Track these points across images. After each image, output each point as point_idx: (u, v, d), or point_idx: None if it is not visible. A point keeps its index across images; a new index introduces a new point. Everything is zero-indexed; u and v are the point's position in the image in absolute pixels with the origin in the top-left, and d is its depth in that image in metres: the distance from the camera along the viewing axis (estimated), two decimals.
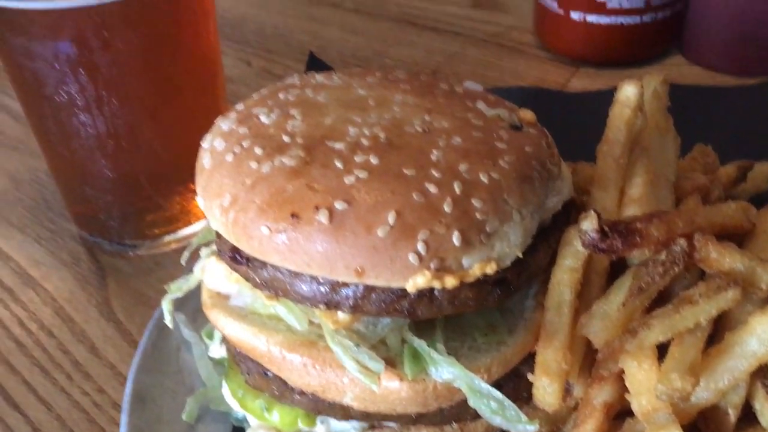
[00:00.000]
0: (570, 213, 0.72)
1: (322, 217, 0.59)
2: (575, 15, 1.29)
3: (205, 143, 0.70)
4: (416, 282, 0.59)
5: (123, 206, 0.96)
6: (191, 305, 0.85)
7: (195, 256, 0.78)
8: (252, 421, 0.73)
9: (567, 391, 0.71)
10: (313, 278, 0.61)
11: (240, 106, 0.73)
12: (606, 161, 0.74)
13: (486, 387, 0.62)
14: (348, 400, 0.65)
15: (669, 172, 0.77)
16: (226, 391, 0.75)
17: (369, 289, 0.61)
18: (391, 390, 0.63)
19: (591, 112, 1.18)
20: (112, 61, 0.83)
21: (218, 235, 0.68)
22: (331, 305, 0.62)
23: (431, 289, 0.61)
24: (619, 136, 0.74)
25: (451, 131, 0.66)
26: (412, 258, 0.58)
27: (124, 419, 0.74)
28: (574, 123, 1.00)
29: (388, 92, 0.72)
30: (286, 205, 0.60)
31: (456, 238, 0.59)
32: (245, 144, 0.65)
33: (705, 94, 1.19)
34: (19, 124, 1.28)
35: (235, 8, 1.60)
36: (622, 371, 0.66)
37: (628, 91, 0.74)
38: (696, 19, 1.31)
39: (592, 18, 1.28)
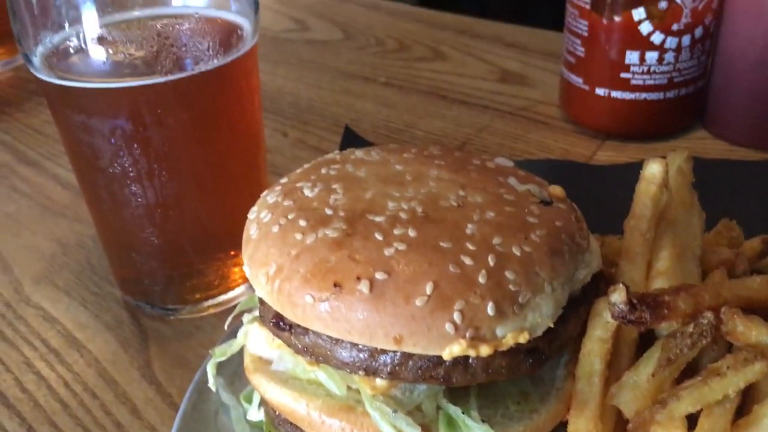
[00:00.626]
0: (599, 284, 0.75)
1: (364, 287, 0.62)
2: (600, 90, 1.34)
3: (252, 215, 0.74)
4: (452, 350, 0.62)
5: (166, 271, 1.01)
6: (229, 369, 0.88)
7: (237, 322, 0.82)
8: None
9: None
10: (353, 345, 0.64)
11: (284, 180, 0.77)
12: (633, 235, 0.77)
13: None
14: None
15: (695, 246, 0.80)
16: None
17: (406, 356, 0.64)
18: None
19: (617, 184, 1.22)
20: (164, 136, 0.88)
21: (262, 302, 0.72)
22: (370, 371, 0.65)
23: (466, 357, 0.63)
24: (646, 211, 0.77)
25: (485, 206, 0.69)
26: (448, 327, 0.61)
27: None
28: (601, 195, 1.03)
29: (424, 167, 0.76)
30: (329, 274, 0.63)
31: (490, 309, 0.62)
32: (290, 216, 0.69)
33: (728, 167, 1.22)
34: (67, 191, 1.34)
35: (272, 81, 1.68)
36: None
37: (653, 168, 0.78)
38: (718, 96, 1.35)
39: (616, 94, 1.33)
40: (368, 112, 1.54)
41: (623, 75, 1.31)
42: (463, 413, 0.65)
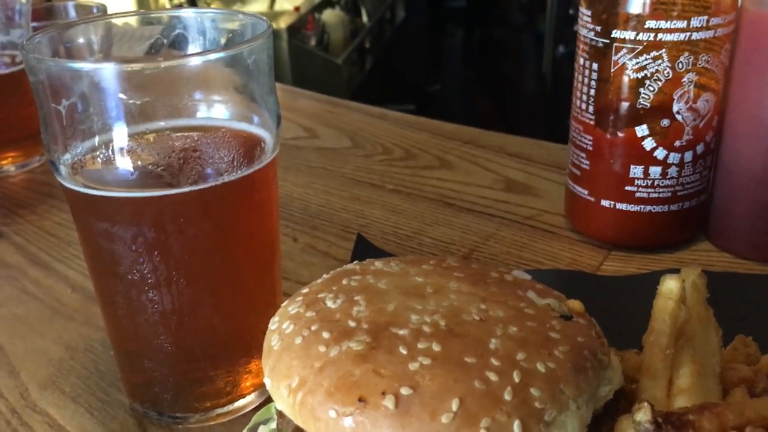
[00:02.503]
0: (620, 401, 0.74)
1: (389, 402, 0.62)
2: (605, 202, 1.37)
3: (273, 325, 0.75)
4: None
5: (177, 378, 1.00)
6: None
7: None
8: None
9: None
10: None
11: (305, 290, 0.78)
12: (653, 351, 0.77)
13: None
14: None
15: (714, 362, 0.80)
16: None
17: None
18: None
19: (625, 294, 1.23)
20: (184, 244, 0.90)
21: (281, 415, 0.71)
22: None
23: None
24: (665, 327, 0.78)
25: (507, 320, 0.70)
26: None
27: None
28: (611, 306, 1.04)
29: (444, 279, 0.77)
30: (353, 389, 0.63)
31: (517, 427, 0.61)
32: (314, 328, 0.70)
33: (736, 281, 1.23)
34: (76, 294, 1.35)
35: (283, 187, 1.71)
36: None
37: (670, 284, 0.79)
38: (721, 209, 1.38)
39: (621, 206, 1.36)
40: (377, 218, 1.56)
41: (628, 188, 1.34)
42: None
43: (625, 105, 1.30)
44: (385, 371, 0.64)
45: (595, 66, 1.32)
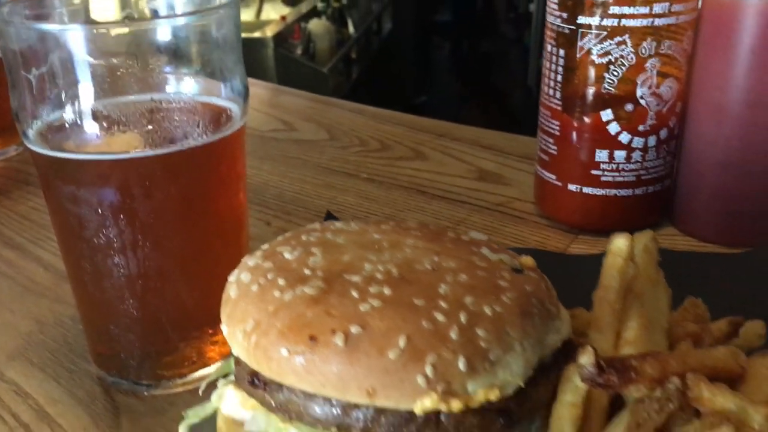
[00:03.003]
0: (569, 352, 0.76)
1: (338, 340, 0.64)
2: (572, 187, 1.40)
3: (232, 277, 0.76)
4: (424, 404, 0.63)
5: (143, 345, 1.01)
6: None
7: (212, 388, 0.82)
8: None
9: None
10: (326, 400, 0.65)
11: (265, 246, 0.80)
12: (602, 306, 0.80)
13: None
14: None
15: (662, 319, 0.82)
16: None
17: (379, 412, 0.64)
18: None
19: (589, 273, 1.26)
20: (150, 208, 0.91)
21: (237, 362, 0.73)
22: (343, 428, 0.65)
23: (437, 415, 0.64)
24: (613, 282, 0.80)
25: (458, 270, 0.72)
26: (420, 380, 0.63)
27: None
28: (574, 283, 1.06)
29: (401, 237, 0.80)
30: (305, 329, 0.65)
31: (462, 364, 0.63)
32: (270, 276, 0.72)
33: (695, 259, 1.26)
34: (48, 273, 1.36)
35: (258, 175, 1.73)
36: None
37: (619, 243, 0.82)
38: (684, 194, 1.41)
39: (588, 190, 1.38)
40: (350, 205, 1.58)
41: (594, 172, 1.37)
42: None
43: (590, 90, 1.33)
44: (336, 312, 0.66)
45: (561, 52, 1.35)
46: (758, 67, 1.24)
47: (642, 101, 1.32)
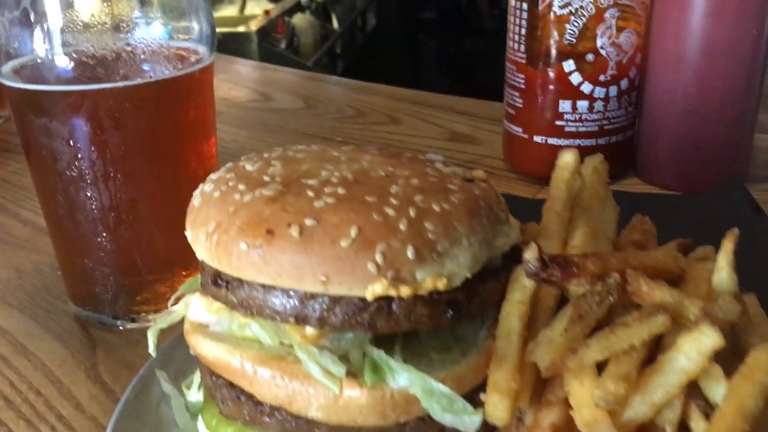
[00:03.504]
0: (518, 258, 0.80)
1: (294, 232, 0.67)
2: (538, 138, 1.44)
3: (197, 191, 0.80)
4: (374, 290, 0.66)
5: (118, 280, 1.04)
6: (173, 367, 0.91)
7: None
8: None
9: (519, 419, 0.76)
10: (284, 292, 0.69)
11: (229, 164, 0.83)
12: (549, 215, 0.84)
13: (437, 386, 0.68)
14: (313, 411, 0.70)
15: (608, 230, 0.87)
16: (201, 424, 0.80)
17: (334, 301, 0.68)
18: (351, 398, 0.68)
19: None
20: (120, 140, 0.95)
21: (202, 267, 0.76)
22: (300, 319, 0.69)
23: (389, 304, 0.68)
24: (560, 193, 0.84)
25: (410, 176, 0.76)
26: (371, 267, 0.66)
27: None
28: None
29: (359, 155, 0.83)
30: (262, 224, 0.69)
31: (410, 253, 0.67)
32: (231, 183, 0.75)
33: (647, 200, 1.31)
34: (26, 228, 1.39)
35: (234, 141, 1.77)
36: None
37: (567, 157, 0.86)
38: (646, 144, 1.46)
39: (552, 140, 1.43)
40: None
41: (558, 123, 1.42)
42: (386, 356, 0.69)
43: (553, 42, 1.37)
44: (292, 208, 0.69)
45: (525, 6, 1.39)
46: (712, 14, 1.29)
47: (602, 51, 1.36)
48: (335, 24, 8.10)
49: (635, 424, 0.70)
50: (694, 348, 0.68)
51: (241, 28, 6.03)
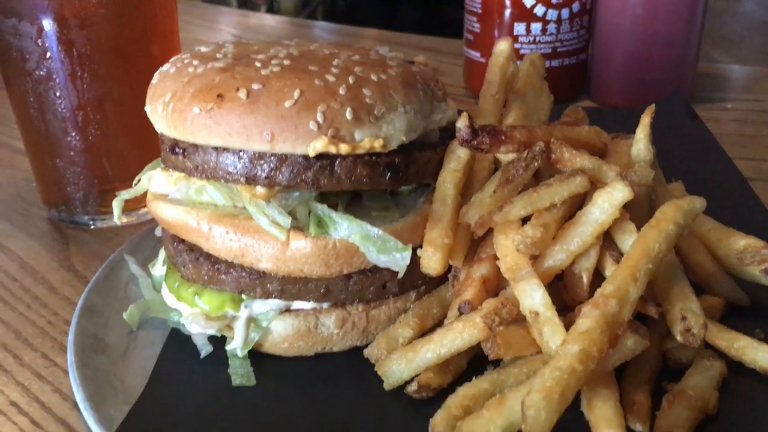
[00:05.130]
0: (454, 134, 0.87)
1: (242, 94, 0.74)
2: None
3: (156, 73, 0.86)
4: (315, 146, 0.73)
5: (89, 178, 1.10)
6: (142, 255, 0.98)
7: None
8: (185, 310, 0.83)
9: (454, 277, 0.84)
10: (235, 154, 0.75)
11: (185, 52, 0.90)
12: (485, 98, 0.90)
13: (373, 230, 0.75)
14: (264, 263, 0.77)
15: (541, 114, 0.94)
16: (165, 291, 0.86)
17: (280, 161, 0.75)
18: (297, 248, 0.75)
19: None
20: (86, 38, 1.00)
21: (162, 140, 0.83)
22: (250, 179, 0.76)
23: (332, 164, 0.75)
24: (495, 77, 0.91)
25: (352, 55, 0.82)
26: (312, 125, 0.73)
27: (73, 323, 0.85)
28: None
29: (308, 42, 0.89)
30: (213, 90, 0.75)
31: (349, 114, 0.74)
32: (186, 61, 0.81)
33: (597, 113, 1.37)
34: (2, 149, 1.44)
35: None
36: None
37: (502, 45, 0.93)
38: (598, 67, 1.53)
39: None
40: None
41: (513, 45, 1.48)
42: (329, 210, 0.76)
43: None
44: (240, 76, 0.75)
45: None
46: None
47: None
48: None
49: (554, 271, 0.77)
50: (607, 201, 0.76)
51: None
